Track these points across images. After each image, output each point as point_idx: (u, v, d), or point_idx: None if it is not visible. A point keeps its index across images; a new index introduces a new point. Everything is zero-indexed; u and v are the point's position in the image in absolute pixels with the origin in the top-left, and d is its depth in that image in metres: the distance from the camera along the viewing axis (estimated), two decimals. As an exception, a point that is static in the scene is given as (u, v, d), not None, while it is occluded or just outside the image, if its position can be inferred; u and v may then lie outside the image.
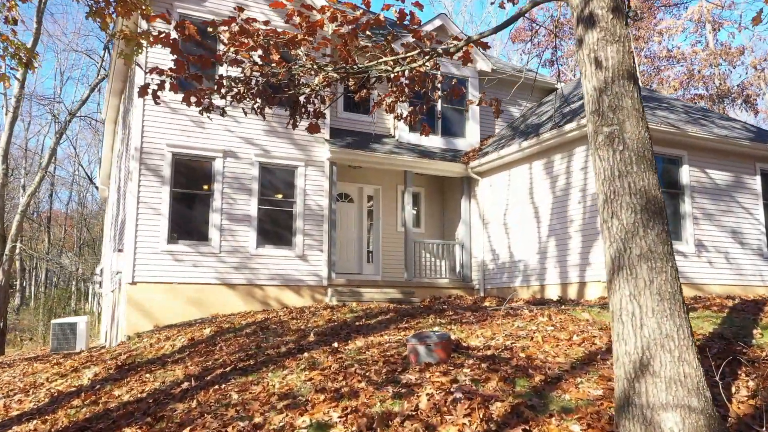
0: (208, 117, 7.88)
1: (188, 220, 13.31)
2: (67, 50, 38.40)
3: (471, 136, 16.76)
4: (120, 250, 13.18)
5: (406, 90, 7.37)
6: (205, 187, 13.47)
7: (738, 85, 32.54)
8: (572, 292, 12.65)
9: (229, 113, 13.69)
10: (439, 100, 16.47)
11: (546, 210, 13.52)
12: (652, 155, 4.48)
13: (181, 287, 12.83)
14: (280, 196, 14.10)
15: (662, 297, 4.13)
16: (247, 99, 7.66)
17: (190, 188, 13.38)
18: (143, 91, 6.19)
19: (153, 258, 12.67)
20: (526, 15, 37.50)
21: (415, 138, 16.16)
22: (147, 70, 6.54)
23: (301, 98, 7.62)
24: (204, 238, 13.30)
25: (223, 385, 6.44)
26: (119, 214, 15.65)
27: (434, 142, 16.37)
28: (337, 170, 15.07)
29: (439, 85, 7.79)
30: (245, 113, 8.15)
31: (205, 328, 10.38)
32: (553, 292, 13.12)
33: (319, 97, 7.81)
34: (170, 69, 6.14)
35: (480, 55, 17.01)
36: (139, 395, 6.87)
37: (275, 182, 14.11)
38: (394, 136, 16.25)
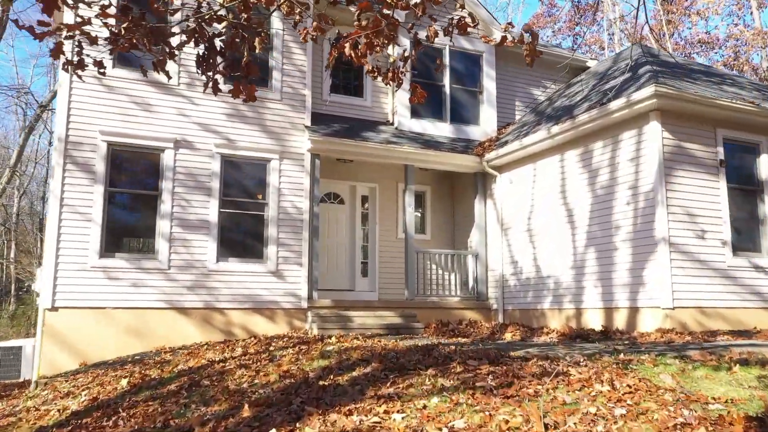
0: (78, 75, 5.06)
1: (128, 227, 10.55)
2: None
3: (486, 123, 13.87)
4: (40, 266, 10.46)
5: (383, 23, 4.52)
6: (151, 186, 10.70)
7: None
8: (620, 321, 9.71)
9: (184, 93, 10.95)
10: (447, 79, 13.61)
11: (583, 212, 10.60)
12: None
13: (117, 313, 10.07)
14: (247, 197, 11.31)
15: None
16: (134, 41, 4.85)
17: (132, 187, 10.62)
18: None
19: (81, 276, 9.92)
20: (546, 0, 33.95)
21: (418, 125, 13.30)
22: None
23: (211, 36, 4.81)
24: (148, 250, 10.53)
25: None
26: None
27: (441, 130, 13.49)
28: (321, 164, 12.26)
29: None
30: (143, 72, 5.34)
31: (123, 377, 7.60)
32: (594, 319, 10.20)
33: (246, 43, 4.98)
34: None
35: (497, 27, 14.10)
36: None
37: (242, 179, 11.32)
38: (392, 123, 13.39)
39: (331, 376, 6.36)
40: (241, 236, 11.16)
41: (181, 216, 10.66)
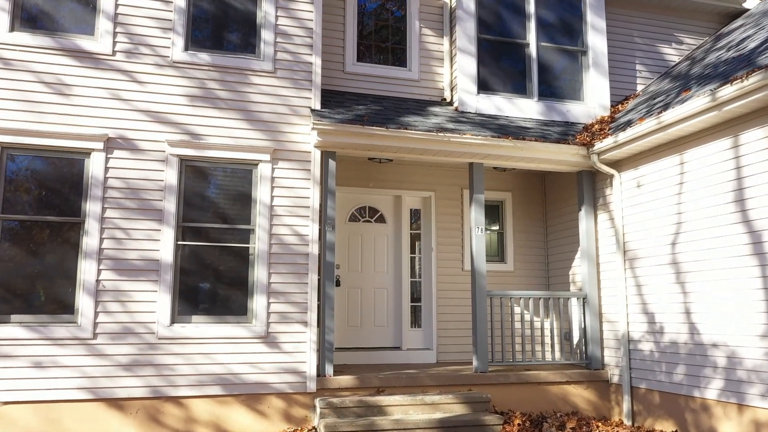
0: None
1: (30, 275, 6.85)
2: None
3: (594, 98, 9.30)
4: None
5: None
6: (70, 209, 7.00)
7: None
8: None
9: (123, 66, 7.18)
10: (533, 35, 9.19)
11: (784, 238, 5.90)
12: None
13: (10, 411, 6.43)
14: (221, 221, 7.39)
15: None
16: None
17: (37, 213, 6.92)
18: None
19: (-48, 355, 6.37)
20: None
21: (489, 104, 8.93)
22: None
23: None
24: (63, 308, 6.81)
25: None
26: None
27: (525, 109, 9.06)
28: (345, 167, 8.31)
29: None
30: None
31: None
32: (818, 439, 5.49)
33: None
34: None
35: (606, -47, 9.51)
36: None
37: (212, 195, 7.42)
38: (450, 103, 9.12)
39: None
40: (211, 283, 7.26)
41: (115, 255, 6.90)
